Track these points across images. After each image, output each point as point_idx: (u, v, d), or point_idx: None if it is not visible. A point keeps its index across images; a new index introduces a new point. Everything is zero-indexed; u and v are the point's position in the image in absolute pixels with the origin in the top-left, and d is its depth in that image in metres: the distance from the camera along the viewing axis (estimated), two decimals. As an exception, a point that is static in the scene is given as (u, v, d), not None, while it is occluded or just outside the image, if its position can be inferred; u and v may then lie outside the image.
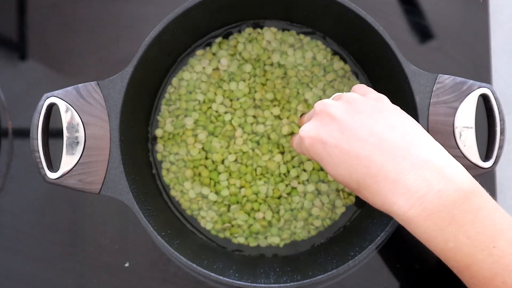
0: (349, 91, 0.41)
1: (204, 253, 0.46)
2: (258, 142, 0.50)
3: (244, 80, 0.50)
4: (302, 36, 0.51)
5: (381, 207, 0.33)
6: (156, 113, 0.50)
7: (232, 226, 0.50)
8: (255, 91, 0.50)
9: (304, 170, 0.50)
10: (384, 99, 0.36)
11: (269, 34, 0.50)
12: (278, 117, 0.50)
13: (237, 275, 0.42)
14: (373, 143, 0.33)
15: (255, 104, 0.50)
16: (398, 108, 0.36)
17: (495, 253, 0.30)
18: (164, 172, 0.50)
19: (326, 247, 0.48)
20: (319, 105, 0.36)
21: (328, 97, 0.50)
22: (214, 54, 0.51)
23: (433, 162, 0.31)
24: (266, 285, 0.41)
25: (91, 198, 0.51)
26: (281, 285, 0.41)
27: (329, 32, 0.50)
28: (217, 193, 0.50)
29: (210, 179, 0.50)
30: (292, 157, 0.50)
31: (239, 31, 0.51)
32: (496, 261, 0.30)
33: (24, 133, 0.52)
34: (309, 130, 0.36)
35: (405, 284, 0.51)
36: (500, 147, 0.40)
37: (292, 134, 0.50)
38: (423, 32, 0.53)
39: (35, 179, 0.51)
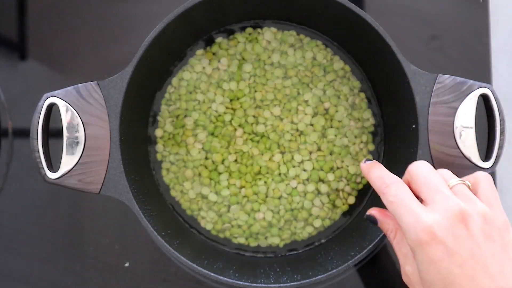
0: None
1: (204, 253, 0.46)
2: (258, 142, 0.50)
3: (244, 80, 0.50)
4: (302, 36, 0.51)
5: None
6: (156, 113, 0.50)
7: (232, 226, 0.50)
8: (255, 91, 0.50)
9: (304, 170, 0.50)
10: (509, 226, 0.34)
11: (269, 34, 0.50)
12: (278, 117, 0.50)
13: (237, 275, 0.42)
14: (495, 286, 0.31)
15: (255, 104, 0.50)
16: None
17: None
18: (164, 172, 0.50)
19: (326, 247, 0.48)
20: (457, 205, 0.33)
21: (328, 97, 0.50)
22: (214, 54, 0.51)
23: None
24: (266, 285, 0.41)
25: (91, 198, 0.51)
26: (281, 285, 0.41)
27: (329, 32, 0.50)
28: (217, 193, 0.50)
29: (210, 179, 0.50)
30: (292, 157, 0.50)
31: (239, 31, 0.51)
32: None
33: (24, 133, 0.52)
34: (437, 228, 0.32)
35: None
36: (500, 147, 0.40)
37: (292, 134, 0.50)
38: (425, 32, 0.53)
39: (35, 179, 0.50)
